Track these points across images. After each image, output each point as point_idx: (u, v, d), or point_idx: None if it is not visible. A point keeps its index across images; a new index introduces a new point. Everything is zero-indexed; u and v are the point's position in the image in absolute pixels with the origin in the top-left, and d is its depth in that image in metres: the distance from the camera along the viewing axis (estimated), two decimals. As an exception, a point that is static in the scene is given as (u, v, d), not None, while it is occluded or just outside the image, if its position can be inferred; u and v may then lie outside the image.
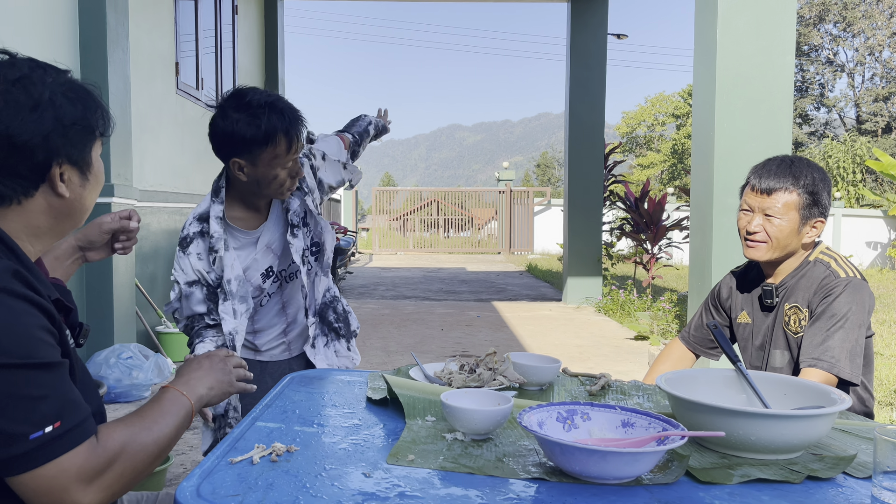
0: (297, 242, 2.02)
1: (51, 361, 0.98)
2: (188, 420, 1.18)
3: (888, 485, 0.97)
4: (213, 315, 2.00)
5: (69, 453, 0.97)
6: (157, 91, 5.85)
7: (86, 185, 1.15)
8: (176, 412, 1.16)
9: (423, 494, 0.99)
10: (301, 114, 1.93)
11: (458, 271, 14.46)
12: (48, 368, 0.98)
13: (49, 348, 0.99)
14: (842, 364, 1.73)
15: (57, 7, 4.24)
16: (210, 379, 1.29)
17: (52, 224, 1.13)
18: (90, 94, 1.17)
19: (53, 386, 0.98)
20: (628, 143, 47.96)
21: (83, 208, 1.17)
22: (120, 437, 1.04)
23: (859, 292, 1.80)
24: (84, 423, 1.00)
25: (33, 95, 1.06)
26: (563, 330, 7.36)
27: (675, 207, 15.37)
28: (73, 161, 1.11)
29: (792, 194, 1.85)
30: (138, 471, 1.06)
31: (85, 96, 1.15)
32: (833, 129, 40.05)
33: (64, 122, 1.09)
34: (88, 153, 1.15)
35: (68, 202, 1.13)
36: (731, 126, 4.15)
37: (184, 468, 3.22)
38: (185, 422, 1.17)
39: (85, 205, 1.17)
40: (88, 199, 1.18)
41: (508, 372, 1.56)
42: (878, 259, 16.92)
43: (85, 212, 1.18)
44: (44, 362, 0.97)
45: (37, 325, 0.98)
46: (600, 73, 9.03)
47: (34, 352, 0.96)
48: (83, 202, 1.16)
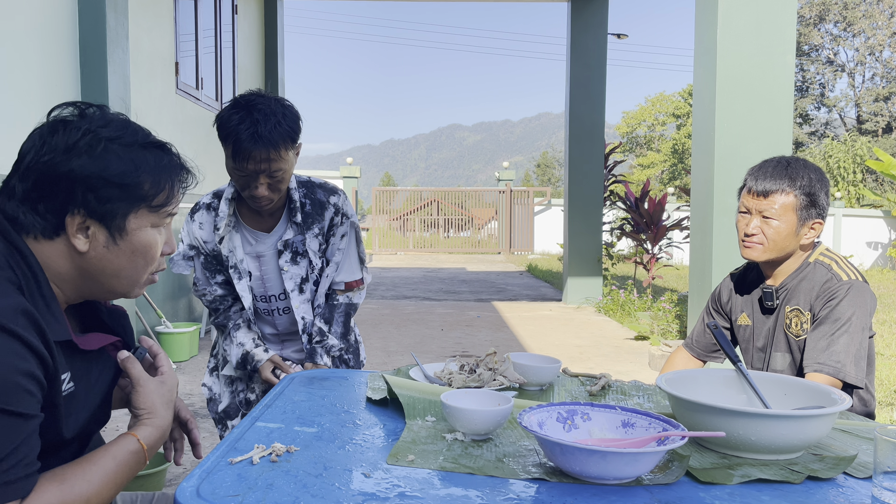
0: (294, 269, 2.06)
1: (15, 411, 0.92)
2: (138, 469, 1.11)
3: (888, 485, 0.97)
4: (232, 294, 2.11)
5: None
6: (157, 91, 5.85)
7: (113, 249, 1.08)
8: (127, 466, 1.08)
9: (423, 494, 0.98)
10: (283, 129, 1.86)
11: (459, 271, 14.45)
12: (9, 416, 0.91)
13: (24, 396, 0.93)
14: (847, 368, 1.72)
15: (57, 7, 4.24)
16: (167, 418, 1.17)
17: (75, 277, 1.09)
18: (158, 161, 1.11)
19: (6, 435, 0.91)
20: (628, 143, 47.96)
21: (106, 271, 1.10)
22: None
23: (862, 295, 1.79)
24: (18, 483, 0.93)
25: (70, 138, 1.04)
26: (563, 330, 7.36)
27: (675, 207, 15.37)
28: (98, 218, 1.06)
29: (789, 196, 1.85)
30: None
31: (147, 160, 1.09)
32: (833, 128, 40.04)
33: (95, 174, 1.04)
34: (123, 217, 1.08)
35: (88, 259, 1.07)
36: (731, 126, 4.14)
37: (184, 468, 3.22)
38: (133, 473, 1.10)
39: (108, 269, 1.09)
40: (114, 265, 1.10)
41: (508, 372, 1.56)
42: (878, 259, 16.92)
43: (111, 276, 1.11)
44: (7, 409, 0.91)
45: (21, 369, 0.93)
46: (600, 73, 9.02)
47: (4, 397, 0.91)
48: (106, 265, 1.09)
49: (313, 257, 2.06)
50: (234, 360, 2.07)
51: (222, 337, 2.15)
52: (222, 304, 2.11)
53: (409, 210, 23.73)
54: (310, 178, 2.12)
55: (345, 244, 2.11)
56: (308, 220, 2.04)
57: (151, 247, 1.13)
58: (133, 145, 1.09)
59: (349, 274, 2.12)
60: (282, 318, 2.12)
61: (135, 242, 1.10)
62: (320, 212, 2.06)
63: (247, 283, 2.05)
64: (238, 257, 2.04)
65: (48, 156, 1.04)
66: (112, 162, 1.06)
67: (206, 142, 1.75)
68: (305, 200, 2.05)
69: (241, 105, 1.87)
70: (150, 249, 1.13)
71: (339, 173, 17.34)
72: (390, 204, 21.70)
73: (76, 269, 1.08)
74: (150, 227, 1.12)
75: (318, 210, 2.06)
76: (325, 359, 2.07)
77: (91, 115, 1.09)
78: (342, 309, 2.12)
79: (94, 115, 1.09)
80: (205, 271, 2.09)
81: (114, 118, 1.11)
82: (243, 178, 1.89)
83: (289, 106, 1.92)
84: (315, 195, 2.07)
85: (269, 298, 2.09)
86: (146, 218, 1.11)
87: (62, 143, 1.04)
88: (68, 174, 1.03)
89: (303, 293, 2.07)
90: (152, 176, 1.09)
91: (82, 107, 1.10)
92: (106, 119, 1.10)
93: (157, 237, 1.14)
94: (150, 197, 1.10)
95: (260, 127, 1.82)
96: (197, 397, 4.48)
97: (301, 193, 2.05)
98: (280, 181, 1.91)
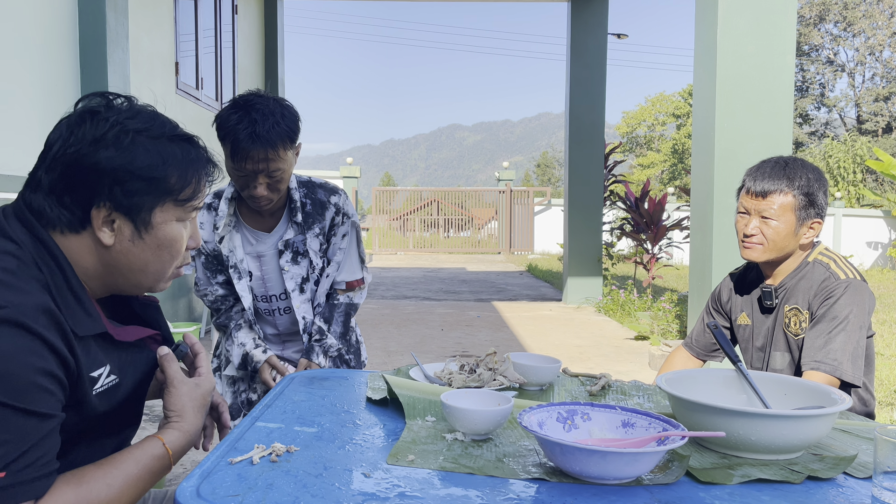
0: (295, 269, 2.06)
1: (32, 409, 0.91)
2: (162, 474, 1.09)
3: (888, 485, 0.97)
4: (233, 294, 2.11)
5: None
6: (157, 91, 5.85)
7: (139, 243, 1.07)
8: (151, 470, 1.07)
9: (423, 494, 0.98)
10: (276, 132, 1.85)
11: (459, 271, 14.45)
12: (25, 414, 0.90)
13: (42, 395, 0.92)
14: (844, 367, 1.72)
15: (57, 7, 4.24)
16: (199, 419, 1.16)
17: (101, 272, 1.07)
18: (185, 155, 1.10)
19: (21, 434, 0.90)
20: (628, 143, 47.96)
21: (132, 266, 1.08)
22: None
23: (860, 294, 1.79)
24: (33, 483, 0.91)
25: (98, 130, 1.03)
26: (563, 330, 7.36)
27: (675, 207, 15.37)
28: (124, 211, 1.04)
29: (787, 196, 1.85)
30: None
31: (175, 153, 1.08)
32: (833, 128, 40.04)
33: (122, 166, 1.03)
34: (149, 211, 1.06)
35: (114, 254, 1.06)
36: (731, 126, 4.14)
37: (184, 468, 3.22)
38: (157, 478, 1.09)
39: (135, 263, 1.08)
40: (140, 260, 1.08)
41: (508, 372, 1.56)
42: (878, 259, 16.91)
43: (137, 271, 1.09)
44: (23, 408, 0.90)
45: (39, 368, 0.92)
46: (600, 73, 9.03)
47: (20, 395, 0.90)
48: (132, 259, 1.08)
49: (314, 257, 2.06)
50: (235, 361, 2.08)
51: (224, 337, 2.16)
52: (224, 304, 2.11)
53: (409, 210, 23.73)
54: (310, 178, 2.12)
55: (346, 244, 2.11)
56: (309, 219, 2.04)
57: (177, 241, 1.12)
58: (160, 138, 1.08)
59: (350, 273, 2.12)
60: (282, 318, 2.12)
61: (160, 236, 1.09)
62: (321, 211, 2.06)
63: (247, 282, 2.06)
64: (238, 257, 2.04)
65: (75, 147, 1.02)
66: (139, 155, 1.04)
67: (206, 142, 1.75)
68: (306, 200, 2.05)
69: (240, 105, 1.87)
70: (176, 243, 1.12)
71: (339, 173, 17.34)
72: (390, 204, 21.69)
73: (102, 264, 1.07)
74: (176, 221, 1.11)
75: (318, 210, 2.06)
76: (320, 358, 2.06)
77: (119, 106, 1.08)
78: (342, 309, 2.12)
79: (122, 107, 1.08)
80: (206, 271, 2.10)
81: (141, 109, 1.10)
82: (242, 178, 1.89)
83: (288, 106, 1.92)
84: (316, 195, 2.07)
85: (270, 298, 2.10)
86: (172, 212, 1.09)
87: (90, 135, 1.03)
88: (95, 166, 1.02)
89: (303, 293, 2.07)
90: (179, 169, 1.08)
91: (110, 97, 1.09)
92: (134, 110, 1.09)
93: (182, 231, 1.13)
94: (177, 191, 1.09)
95: (258, 127, 1.82)
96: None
97: (302, 193, 2.05)
98: (279, 181, 1.91)
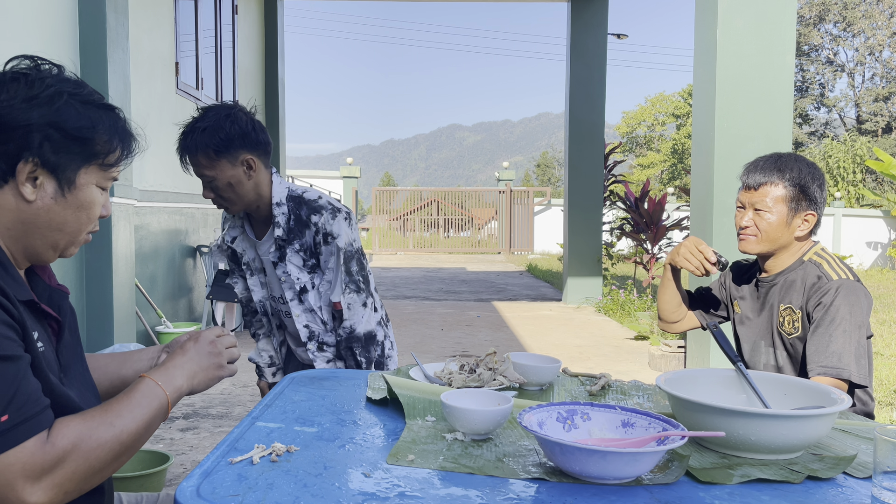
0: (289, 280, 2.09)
1: (7, 354, 0.96)
2: (163, 413, 1.13)
3: (888, 485, 0.97)
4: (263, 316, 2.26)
5: (14, 449, 0.93)
6: (157, 91, 5.85)
7: (60, 201, 1.09)
8: (147, 405, 1.10)
9: (423, 494, 0.99)
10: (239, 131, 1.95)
11: (458, 271, 14.45)
12: (3, 360, 0.95)
13: (6, 342, 0.97)
14: (850, 368, 1.73)
15: (57, 7, 4.24)
16: (192, 365, 1.23)
17: (19, 230, 1.09)
18: (113, 123, 1.13)
19: (5, 378, 0.95)
20: (628, 143, 47.95)
21: (51, 224, 1.10)
22: (73, 434, 0.99)
23: (854, 293, 1.80)
24: (35, 418, 0.96)
25: (32, 90, 1.06)
26: (563, 330, 7.36)
27: (675, 207, 15.36)
28: (50, 168, 1.07)
29: (778, 187, 1.88)
30: (95, 469, 1.01)
31: (104, 119, 1.12)
32: (833, 128, 40.03)
33: (54, 123, 1.06)
34: (74, 171, 1.10)
35: (34, 209, 1.08)
36: (731, 126, 4.14)
37: (184, 468, 3.23)
38: (157, 415, 1.12)
39: (54, 221, 1.10)
40: (59, 218, 1.10)
41: (508, 372, 1.56)
42: (878, 259, 16.91)
43: (55, 230, 1.11)
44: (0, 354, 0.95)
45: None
46: (600, 73, 9.03)
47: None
48: (52, 217, 1.09)
49: (295, 272, 2.06)
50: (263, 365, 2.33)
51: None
52: (249, 308, 2.28)
53: (409, 210, 23.73)
54: (304, 192, 2.07)
55: (333, 264, 2.07)
56: (290, 235, 2.04)
57: (94, 204, 1.15)
58: (90, 103, 1.12)
59: (335, 294, 2.09)
60: (290, 320, 2.18)
61: (81, 198, 1.12)
62: (301, 230, 2.04)
63: (258, 279, 2.17)
64: (250, 256, 2.15)
65: (7, 103, 1.05)
66: (72, 115, 1.08)
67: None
68: (291, 216, 2.04)
69: (202, 112, 1.92)
70: (93, 207, 1.15)
71: (339, 173, 17.34)
72: (390, 204, 21.69)
73: (20, 222, 1.09)
74: (96, 185, 1.14)
75: (300, 227, 2.04)
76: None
77: (48, 70, 1.12)
78: (343, 344, 2.09)
79: (52, 72, 1.12)
80: (239, 272, 2.23)
81: (71, 77, 1.13)
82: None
83: (236, 117, 1.90)
84: (300, 211, 2.04)
85: (277, 300, 2.17)
86: (95, 175, 1.13)
87: (23, 93, 1.06)
88: (27, 121, 1.05)
89: (302, 303, 2.10)
90: (107, 135, 1.12)
91: (39, 61, 1.12)
92: (63, 76, 1.13)
93: (99, 197, 1.16)
94: (103, 154, 1.13)
95: (189, 136, 1.89)
96: (198, 397, 4.48)
97: (288, 208, 2.03)
98: (219, 189, 1.93)
